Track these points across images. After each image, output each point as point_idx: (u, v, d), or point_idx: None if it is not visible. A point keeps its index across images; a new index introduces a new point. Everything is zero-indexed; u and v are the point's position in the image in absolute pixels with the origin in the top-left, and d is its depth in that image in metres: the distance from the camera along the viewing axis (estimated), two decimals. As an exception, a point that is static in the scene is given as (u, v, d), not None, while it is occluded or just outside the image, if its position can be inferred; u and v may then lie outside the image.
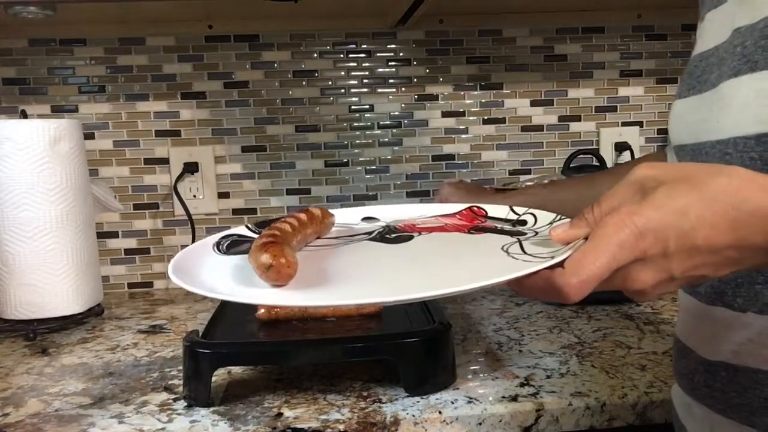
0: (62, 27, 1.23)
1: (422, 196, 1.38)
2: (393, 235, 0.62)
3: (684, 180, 0.40)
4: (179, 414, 0.71)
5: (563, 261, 0.41)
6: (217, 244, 0.59)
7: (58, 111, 1.28)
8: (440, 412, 0.69)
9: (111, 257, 1.32)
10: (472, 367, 0.80)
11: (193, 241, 1.28)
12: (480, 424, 0.69)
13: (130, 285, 1.34)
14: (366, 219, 0.69)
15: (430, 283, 0.44)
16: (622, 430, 0.71)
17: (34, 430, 0.68)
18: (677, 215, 0.39)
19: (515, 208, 0.64)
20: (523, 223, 0.61)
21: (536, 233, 0.57)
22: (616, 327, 0.95)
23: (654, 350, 0.84)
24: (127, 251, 1.33)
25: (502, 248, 0.53)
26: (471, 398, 0.71)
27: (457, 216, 0.67)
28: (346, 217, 0.69)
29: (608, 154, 1.36)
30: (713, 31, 0.55)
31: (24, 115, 1.06)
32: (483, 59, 1.36)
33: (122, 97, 1.29)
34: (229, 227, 1.32)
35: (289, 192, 1.35)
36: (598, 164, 1.13)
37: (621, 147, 1.38)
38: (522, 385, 0.75)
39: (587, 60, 1.38)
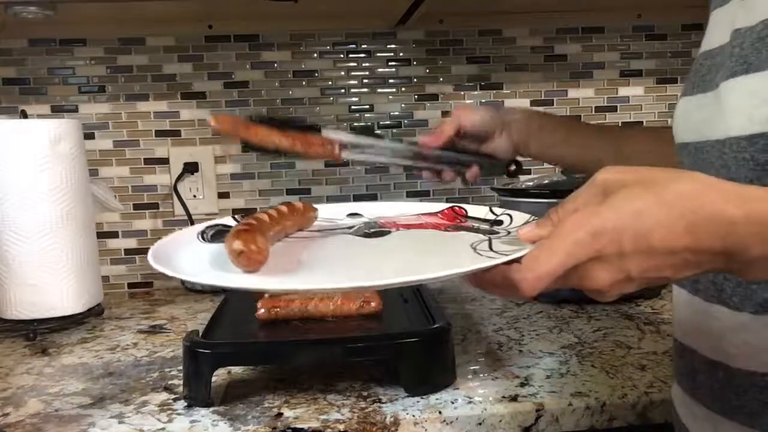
0: (62, 27, 1.23)
1: (422, 196, 1.38)
2: (372, 230, 0.64)
3: (643, 183, 0.41)
4: (179, 414, 0.71)
5: (520, 258, 0.43)
6: (202, 233, 0.61)
7: (58, 111, 1.28)
8: (440, 412, 0.69)
9: (111, 257, 1.32)
10: (472, 367, 0.80)
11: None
12: (480, 424, 0.69)
13: (130, 285, 1.34)
14: (351, 215, 0.71)
15: (393, 273, 0.47)
16: (622, 430, 0.71)
17: (34, 430, 0.68)
18: (633, 217, 0.40)
19: (494, 209, 0.66)
20: (500, 223, 0.63)
21: (508, 233, 0.58)
22: (616, 327, 0.95)
23: (654, 350, 0.84)
24: (127, 251, 1.33)
25: (471, 245, 0.55)
26: (471, 398, 0.71)
27: (439, 215, 0.69)
28: (331, 212, 0.71)
29: (608, 154, 1.36)
30: (717, 31, 0.55)
31: (24, 115, 1.06)
32: (483, 59, 1.36)
33: (122, 97, 1.29)
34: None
35: (289, 192, 1.35)
36: (598, 164, 1.12)
37: (621, 147, 1.38)
38: (522, 385, 0.75)
39: (587, 60, 1.38)
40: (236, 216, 0.66)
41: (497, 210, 0.66)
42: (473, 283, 0.46)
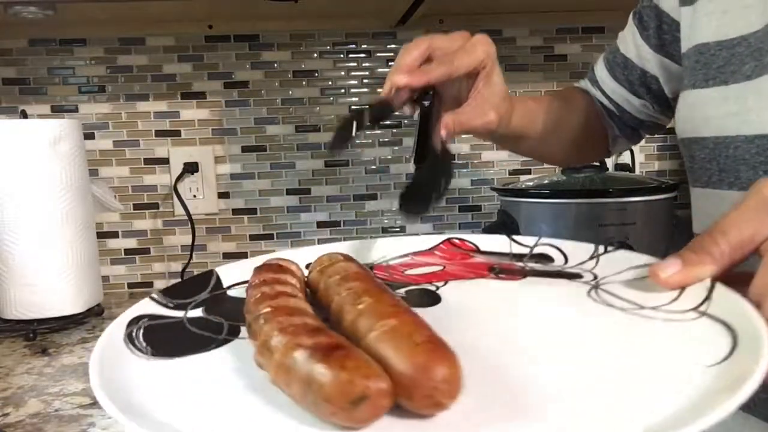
0: (62, 27, 1.23)
1: (422, 196, 1.37)
2: (403, 289, 0.47)
3: None
4: (179, 414, 0.70)
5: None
6: (130, 338, 0.38)
7: (58, 111, 1.28)
8: (440, 412, 0.68)
9: (111, 257, 1.32)
10: (472, 367, 0.80)
11: (193, 241, 1.28)
12: (480, 424, 0.69)
13: (130, 285, 1.34)
14: None
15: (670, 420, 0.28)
16: (622, 430, 0.71)
17: (34, 430, 0.68)
18: None
19: (517, 238, 0.51)
20: (547, 257, 0.47)
21: (595, 277, 0.43)
22: (616, 327, 0.95)
23: (654, 350, 0.84)
24: (127, 251, 1.33)
25: (589, 295, 0.40)
26: (471, 398, 0.71)
27: (435, 252, 0.53)
28: (305, 257, 0.50)
29: (608, 154, 1.36)
30: (729, 19, 0.52)
31: (24, 115, 1.06)
32: (483, 59, 1.36)
33: (122, 97, 1.29)
34: (228, 228, 1.34)
35: (289, 192, 1.35)
36: (597, 164, 1.12)
37: (621, 147, 1.38)
38: (522, 385, 0.74)
39: (587, 60, 1.38)
40: (155, 296, 0.45)
41: (524, 240, 0.50)
42: None
